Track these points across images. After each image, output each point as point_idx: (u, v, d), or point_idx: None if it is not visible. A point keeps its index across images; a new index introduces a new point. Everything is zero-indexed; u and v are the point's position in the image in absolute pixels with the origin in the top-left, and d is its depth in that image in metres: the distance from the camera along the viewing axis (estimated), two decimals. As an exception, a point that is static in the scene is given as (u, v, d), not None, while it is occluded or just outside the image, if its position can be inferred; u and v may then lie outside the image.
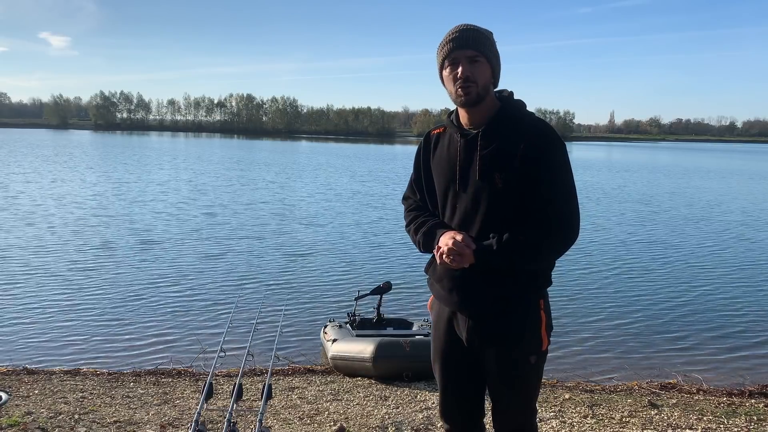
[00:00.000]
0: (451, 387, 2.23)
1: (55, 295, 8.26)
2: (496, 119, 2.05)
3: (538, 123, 2.05)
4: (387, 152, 62.45)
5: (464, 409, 2.26)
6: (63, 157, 38.38)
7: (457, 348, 2.16)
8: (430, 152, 2.21)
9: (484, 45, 2.02)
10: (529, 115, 2.09)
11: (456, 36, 2.02)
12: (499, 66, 2.08)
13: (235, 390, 2.99)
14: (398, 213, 17.36)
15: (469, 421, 2.27)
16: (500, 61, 2.09)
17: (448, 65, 2.04)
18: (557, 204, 1.98)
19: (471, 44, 2.00)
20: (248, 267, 10.22)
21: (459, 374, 2.20)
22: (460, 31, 2.03)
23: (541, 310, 2.09)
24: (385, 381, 5.02)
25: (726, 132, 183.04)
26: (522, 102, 2.12)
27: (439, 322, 2.22)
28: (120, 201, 18.09)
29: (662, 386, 5.03)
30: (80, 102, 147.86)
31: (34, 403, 4.21)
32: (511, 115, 2.06)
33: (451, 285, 2.11)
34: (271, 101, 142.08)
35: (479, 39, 2.01)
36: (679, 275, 10.32)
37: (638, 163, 50.43)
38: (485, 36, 2.04)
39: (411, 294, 8.65)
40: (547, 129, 2.04)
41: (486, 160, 2.02)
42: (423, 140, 2.26)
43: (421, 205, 2.26)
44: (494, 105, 2.08)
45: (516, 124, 2.03)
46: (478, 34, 2.02)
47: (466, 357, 2.16)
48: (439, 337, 2.23)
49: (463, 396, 2.24)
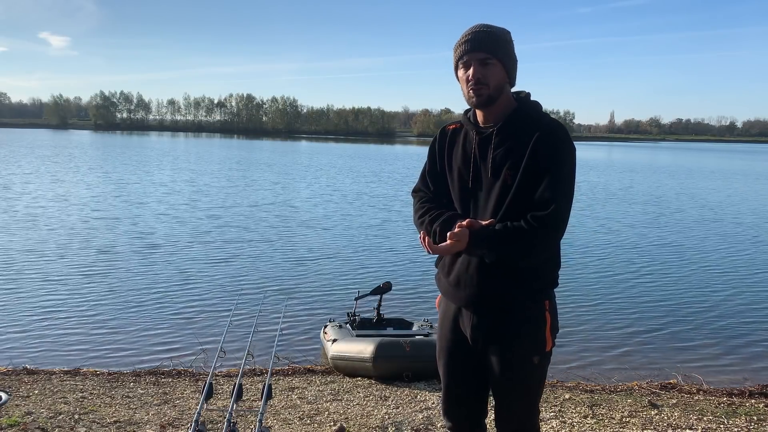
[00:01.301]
0: (454, 384, 2.25)
1: (55, 295, 8.26)
2: (511, 118, 2.08)
3: (552, 123, 2.06)
4: (388, 152, 62.46)
5: (466, 408, 2.26)
6: (63, 157, 38.40)
7: (462, 346, 2.18)
8: (445, 147, 2.23)
9: (497, 47, 2.04)
10: (545, 115, 2.10)
11: (469, 38, 2.04)
12: (514, 66, 2.10)
13: (235, 390, 2.99)
14: (398, 213, 17.43)
15: (470, 419, 2.28)
16: (515, 61, 2.10)
17: (461, 66, 2.09)
18: (551, 205, 1.96)
19: (483, 47, 2.02)
20: (248, 267, 10.22)
21: (462, 372, 2.22)
22: (474, 33, 2.05)
23: (546, 311, 2.09)
24: (385, 381, 5.02)
25: (726, 132, 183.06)
26: (538, 103, 2.14)
27: (445, 319, 2.24)
28: (120, 201, 18.09)
29: (662, 386, 5.03)
30: (80, 102, 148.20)
31: (34, 403, 4.21)
32: (525, 115, 2.08)
33: (457, 281, 2.14)
34: (271, 101, 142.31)
35: (492, 41, 2.03)
36: (680, 275, 10.31)
37: (641, 163, 50.41)
38: (499, 37, 2.05)
39: (411, 294, 8.65)
40: (560, 131, 2.03)
41: (498, 157, 2.05)
42: (438, 134, 2.29)
43: (433, 197, 2.25)
44: (510, 104, 2.10)
45: (530, 123, 2.04)
46: (492, 36, 2.03)
47: (470, 355, 2.17)
48: (444, 334, 2.24)
49: (465, 394, 2.25)
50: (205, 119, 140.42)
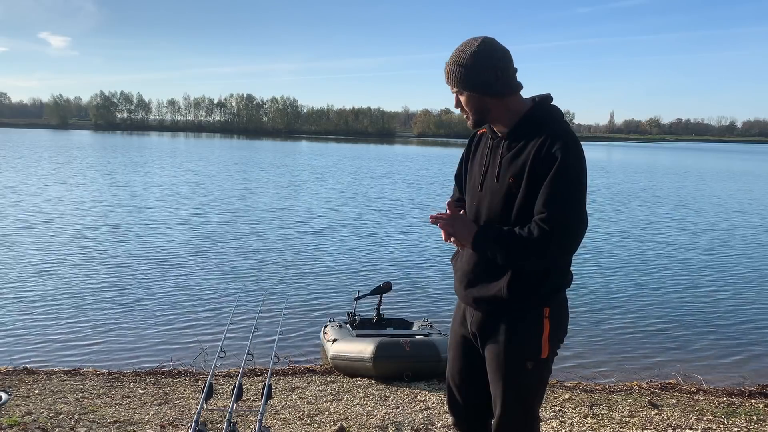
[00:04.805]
0: (457, 379, 2.31)
1: (55, 295, 8.25)
2: (519, 124, 2.08)
3: (557, 130, 2.02)
4: (388, 153, 62.44)
5: (466, 402, 2.30)
6: (63, 158, 38.38)
7: (467, 341, 2.25)
8: (470, 151, 2.30)
9: (459, 79, 2.06)
10: (554, 122, 2.07)
11: (444, 70, 2.12)
12: (489, 85, 2.03)
13: (235, 390, 2.99)
14: (398, 213, 17.42)
15: (471, 415, 2.30)
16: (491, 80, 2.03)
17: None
18: (548, 214, 1.95)
19: (450, 81, 2.10)
20: (248, 267, 10.22)
21: (467, 368, 2.27)
22: (445, 65, 2.10)
23: (545, 318, 2.08)
24: (385, 381, 5.02)
25: (726, 132, 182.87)
26: (553, 108, 2.13)
27: (456, 314, 2.32)
28: (120, 202, 18.09)
29: (662, 386, 5.03)
30: (80, 102, 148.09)
31: (34, 403, 4.21)
32: (534, 121, 2.07)
33: (462, 277, 2.21)
34: (271, 101, 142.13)
35: (453, 74, 2.07)
36: (680, 275, 10.31)
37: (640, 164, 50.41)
38: (461, 67, 2.04)
39: (411, 294, 8.65)
40: (564, 138, 1.99)
41: (504, 164, 2.08)
42: (469, 138, 2.35)
43: (460, 197, 2.35)
44: (523, 109, 2.09)
45: (538, 130, 2.03)
46: (455, 69, 2.06)
47: (473, 351, 2.23)
48: (454, 329, 2.32)
49: (466, 389, 2.29)
50: (205, 119, 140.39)
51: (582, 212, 1.99)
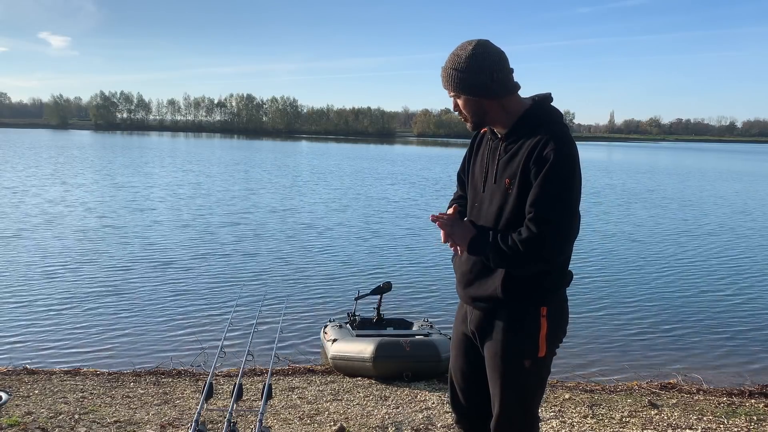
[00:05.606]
0: (458, 377, 2.34)
1: (55, 295, 8.25)
2: (517, 125, 2.09)
3: (551, 131, 2.01)
4: (388, 153, 62.44)
5: (467, 400, 2.32)
6: (63, 158, 38.38)
7: (468, 340, 2.28)
8: (473, 150, 2.32)
9: (455, 84, 2.07)
10: (550, 122, 2.06)
11: (441, 75, 2.12)
12: (486, 89, 2.03)
13: (235, 390, 2.99)
14: (398, 214, 17.43)
15: (472, 412, 2.32)
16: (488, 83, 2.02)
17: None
18: (534, 215, 1.96)
19: (447, 86, 2.11)
20: (248, 267, 10.22)
21: (468, 366, 2.29)
22: (442, 70, 2.11)
23: (543, 317, 2.08)
24: (385, 381, 5.02)
25: (726, 132, 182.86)
26: (551, 108, 2.12)
27: (458, 313, 2.35)
28: (120, 202, 18.10)
29: (662, 386, 5.03)
30: (80, 102, 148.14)
31: (34, 403, 4.21)
32: (531, 123, 2.06)
33: (461, 277, 2.25)
34: (271, 101, 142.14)
35: (449, 79, 2.08)
36: (680, 275, 10.31)
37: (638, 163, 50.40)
38: (457, 71, 2.04)
39: (411, 294, 8.65)
40: (559, 139, 1.98)
41: (501, 165, 2.10)
42: (473, 137, 2.35)
43: (462, 195, 2.39)
44: (520, 110, 2.10)
45: (534, 130, 2.04)
46: (451, 73, 2.07)
47: (474, 350, 2.25)
48: (456, 327, 2.36)
49: (467, 387, 2.31)
50: (205, 119, 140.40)
51: (571, 213, 1.99)
